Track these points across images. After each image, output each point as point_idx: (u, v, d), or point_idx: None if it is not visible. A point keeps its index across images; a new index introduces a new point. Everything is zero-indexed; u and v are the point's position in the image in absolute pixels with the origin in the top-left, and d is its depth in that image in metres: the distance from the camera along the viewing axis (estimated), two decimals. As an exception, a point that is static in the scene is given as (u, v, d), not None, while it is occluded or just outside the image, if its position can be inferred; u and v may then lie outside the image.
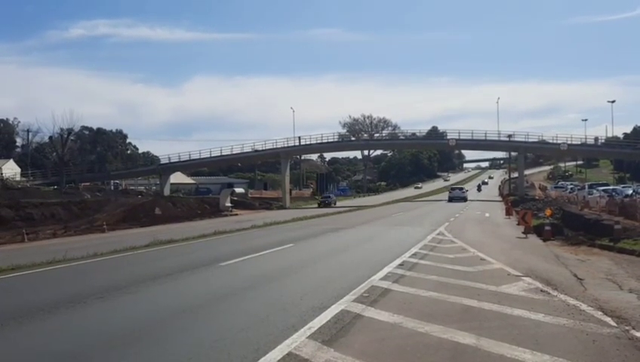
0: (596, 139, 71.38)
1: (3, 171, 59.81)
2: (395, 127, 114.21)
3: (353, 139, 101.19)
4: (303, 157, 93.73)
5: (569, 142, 61.14)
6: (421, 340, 5.68)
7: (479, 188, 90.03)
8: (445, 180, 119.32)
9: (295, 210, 45.75)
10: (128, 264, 13.06)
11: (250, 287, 9.34)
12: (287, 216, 34.88)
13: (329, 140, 69.30)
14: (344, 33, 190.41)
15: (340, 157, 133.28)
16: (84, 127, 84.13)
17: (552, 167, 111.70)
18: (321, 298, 7.86)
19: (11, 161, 67.25)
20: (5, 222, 27.20)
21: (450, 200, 56.29)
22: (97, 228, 26.91)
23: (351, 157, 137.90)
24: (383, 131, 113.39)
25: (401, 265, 11.18)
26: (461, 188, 64.24)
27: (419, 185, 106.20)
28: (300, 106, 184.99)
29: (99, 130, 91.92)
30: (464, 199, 56.05)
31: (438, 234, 19.09)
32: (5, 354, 5.65)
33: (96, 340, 6.01)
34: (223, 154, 65.35)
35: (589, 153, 73.71)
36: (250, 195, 64.60)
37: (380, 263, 11.41)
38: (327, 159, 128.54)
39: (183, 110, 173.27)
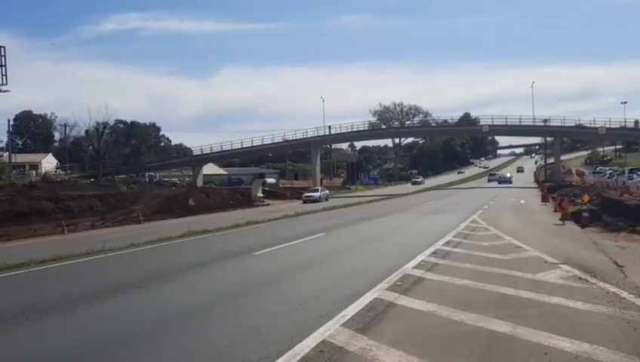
0: (636, 122, 69.23)
1: (42, 165, 61.97)
2: (426, 114, 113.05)
3: (384, 127, 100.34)
4: (333, 147, 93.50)
5: (607, 125, 59.37)
6: (456, 329, 5.63)
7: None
8: (483, 167, 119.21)
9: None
10: (164, 254, 13.35)
11: (283, 276, 9.43)
12: (318, 205, 34.99)
13: (359, 129, 68.82)
14: (374, 19, 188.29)
15: (371, 145, 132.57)
16: (118, 121, 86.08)
17: (589, 152, 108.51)
18: (354, 286, 7.87)
19: (50, 155, 69.54)
20: (45, 214, 28.17)
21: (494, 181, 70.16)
22: (133, 220, 27.55)
23: (382, 145, 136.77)
24: (414, 118, 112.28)
25: (434, 253, 11.09)
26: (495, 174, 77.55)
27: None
28: (329, 95, 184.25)
29: (133, 123, 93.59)
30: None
31: (471, 221, 18.84)
32: (50, 341, 5.86)
33: (136, 328, 6.19)
34: (254, 144, 65.76)
35: (628, 137, 70.99)
36: (281, 185, 65.00)
37: (413, 251, 11.34)
38: (357, 148, 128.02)
39: (213, 101, 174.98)
